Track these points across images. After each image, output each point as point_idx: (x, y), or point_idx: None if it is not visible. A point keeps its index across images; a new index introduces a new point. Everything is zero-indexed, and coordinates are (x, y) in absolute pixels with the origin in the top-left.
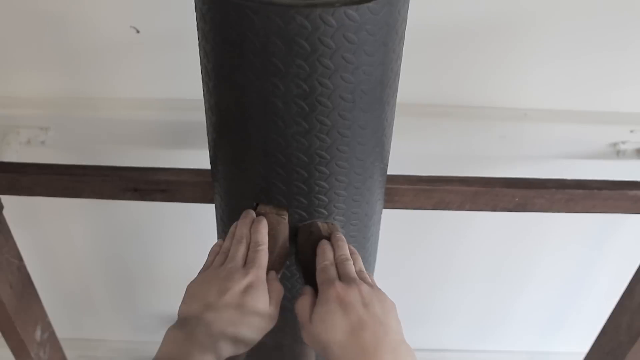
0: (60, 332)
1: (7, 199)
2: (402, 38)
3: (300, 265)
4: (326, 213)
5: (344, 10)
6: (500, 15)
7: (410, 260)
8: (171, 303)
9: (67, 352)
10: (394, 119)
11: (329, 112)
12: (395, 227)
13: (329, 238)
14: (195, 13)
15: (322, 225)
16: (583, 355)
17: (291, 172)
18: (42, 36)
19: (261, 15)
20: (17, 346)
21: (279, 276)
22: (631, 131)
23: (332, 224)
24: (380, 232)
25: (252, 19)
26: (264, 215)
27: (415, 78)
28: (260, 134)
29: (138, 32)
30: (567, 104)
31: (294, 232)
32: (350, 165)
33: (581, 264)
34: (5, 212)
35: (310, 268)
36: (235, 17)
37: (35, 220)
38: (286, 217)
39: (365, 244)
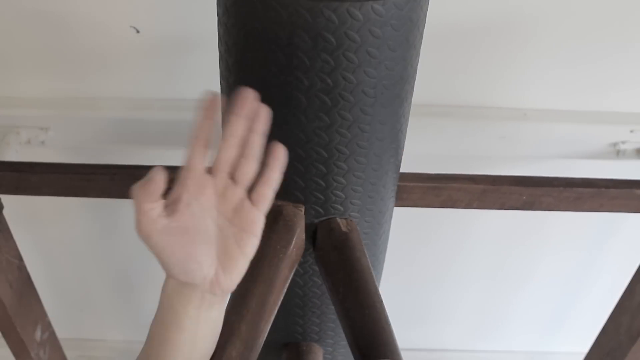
0: (60, 332)
1: (7, 199)
2: (422, 35)
3: (321, 263)
4: (342, 209)
5: (371, 4)
6: (501, 16)
7: (410, 259)
8: None
9: (67, 352)
10: (409, 116)
11: (351, 107)
12: (396, 226)
13: (349, 234)
14: (216, 7)
15: (340, 221)
16: (583, 355)
17: (310, 168)
18: (42, 36)
19: (289, 9)
20: (17, 346)
21: (295, 267)
22: (631, 131)
23: (350, 220)
24: None
25: (279, 13)
26: (281, 207)
27: (416, 78)
28: (281, 129)
29: (138, 32)
30: (567, 104)
31: (312, 228)
32: (368, 161)
33: (581, 264)
34: (5, 212)
35: (332, 265)
36: (262, 10)
37: (35, 220)
38: (302, 210)
39: (377, 241)
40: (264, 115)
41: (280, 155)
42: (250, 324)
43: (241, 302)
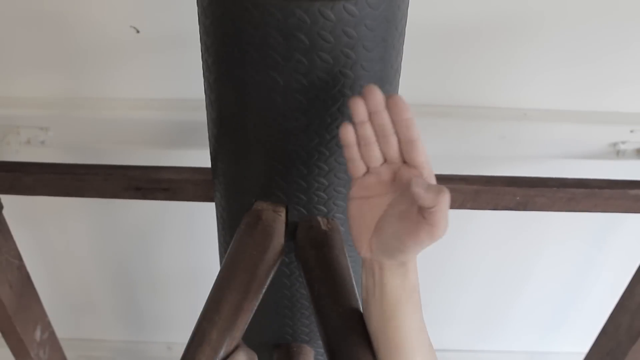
0: (60, 332)
1: (7, 199)
2: (402, 34)
3: (300, 261)
4: (325, 210)
5: (343, 4)
6: (501, 16)
7: None
8: (171, 303)
9: (67, 352)
10: None
11: (328, 107)
12: None
13: (329, 233)
14: (196, 8)
15: (321, 220)
16: (583, 355)
17: (290, 168)
18: (42, 36)
19: (261, 9)
20: (17, 346)
21: (273, 273)
22: (631, 131)
23: (331, 219)
24: None
25: (251, 13)
26: (261, 211)
27: (415, 78)
28: (259, 129)
29: (138, 32)
30: (567, 104)
31: (293, 228)
32: None
33: (581, 264)
34: (5, 212)
35: (309, 262)
36: (235, 10)
37: (35, 220)
38: (283, 214)
39: None
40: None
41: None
42: (222, 331)
43: (214, 308)
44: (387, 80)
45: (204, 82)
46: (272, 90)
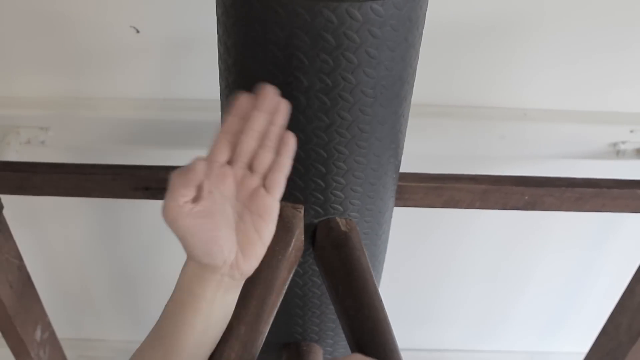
0: (60, 332)
1: (7, 199)
2: (421, 35)
3: (321, 262)
4: (341, 209)
5: (370, 5)
6: (501, 16)
7: (410, 260)
8: None
9: (67, 352)
10: (408, 116)
11: (350, 107)
12: (395, 226)
13: (348, 234)
14: (215, 8)
15: (340, 220)
16: (583, 355)
17: (309, 168)
18: (42, 36)
19: (288, 8)
20: (17, 346)
21: (294, 269)
22: (631, 131)
23: (349, 220)
24: None
25: (278, 13)
26: (280, 208)
27: (416, 78)
28: None
29: (138, 32)
30: (567, 104)
31: (311, 228)
32: (367, 161)
33: (581, 264)
34: (5, 212)
35: (331, 264)
36: (261, 10)
37: (35, 220)
38: (302, 211)
39: (377, 241)
40: (283, 109)
41: (290, 142)
42: (249, 326)
43: (240, 303)
44: (406, 80)
45: (221, 81)
46: (296, 90)
